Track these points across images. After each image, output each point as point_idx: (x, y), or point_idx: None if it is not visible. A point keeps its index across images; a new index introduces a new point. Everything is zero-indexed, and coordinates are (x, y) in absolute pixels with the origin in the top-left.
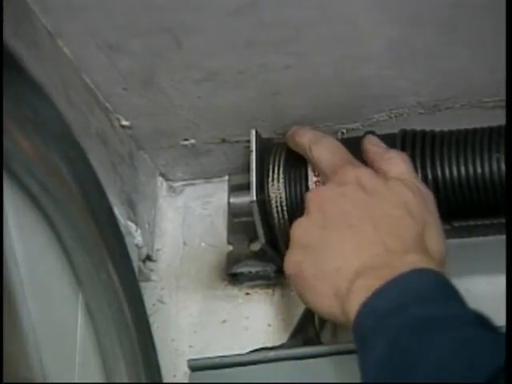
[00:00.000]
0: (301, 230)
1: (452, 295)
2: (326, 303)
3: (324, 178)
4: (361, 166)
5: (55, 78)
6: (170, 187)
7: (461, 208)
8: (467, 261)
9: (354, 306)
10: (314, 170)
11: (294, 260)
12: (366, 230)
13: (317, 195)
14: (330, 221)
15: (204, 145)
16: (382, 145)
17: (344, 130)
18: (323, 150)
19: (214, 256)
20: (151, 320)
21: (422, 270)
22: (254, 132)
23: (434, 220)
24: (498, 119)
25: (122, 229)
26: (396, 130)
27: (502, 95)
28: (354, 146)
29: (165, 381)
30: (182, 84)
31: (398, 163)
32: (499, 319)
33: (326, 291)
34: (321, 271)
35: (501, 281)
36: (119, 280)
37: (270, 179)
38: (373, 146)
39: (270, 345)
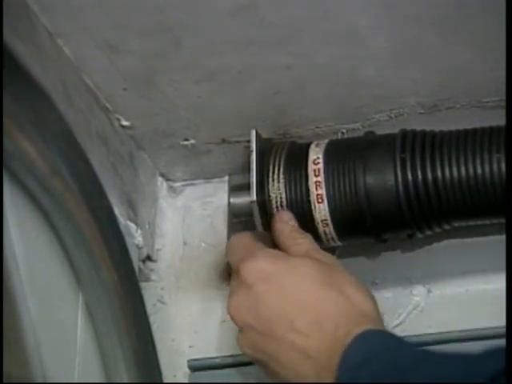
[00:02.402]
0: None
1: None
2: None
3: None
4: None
5: (55, 78)
6: (170, 187)
7: (461, 208)
8: (467, 261)
9: None
10: (314, 170)
11: (248, 344)
12: (304, 326)
13: (234, 308)
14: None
15: (204, 145)
16: (292, 222)
17: (344, 130)
18: (231, 252)
19: (214, 256)
20: (151, 320)
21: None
22: (254, 132)
23: (349, 283)
24: (498, 119)
25: (122, 229)
26: (396, 130)
27: (502, 95)
28: (354, 148)
29: (165, 381)
30: (182, 84)
31: (302, 243)
32: (499, 319)
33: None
34: (271, 366)
35: (501, 281)
36: (119, 280)
37: (270, 179)
38: (280, 224)
39: None
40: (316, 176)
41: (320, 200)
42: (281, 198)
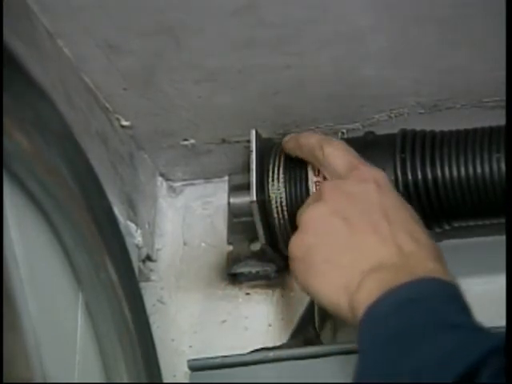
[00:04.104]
0: (315, 214)
1: (463, 309)
2: (332, 292)
3: (334, 176)
4: (373, 166)
5: (55, 78)
6: (170, 187)
7: (461, 208)
8: (467, 261)
9: (362, 303)
10: (314, 170)
11: (303, 244)
12: (385, 229)
13: (336, 187)
14: (351, 214)
15: (204, 145)
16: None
17: (344, 130)
18: (336, 149)
19: (214, 256)
20: (151, 320)
21: (436, 279)
22: (253, 132)
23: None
24: (498, 119)
25: (122, 229)
26: (396, 130)
27: (502, 95)
28: (354, 148)
29: (165, 381)
30: (182, 84)
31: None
32: (499, 319)
33: (335, 280)
34: (335, 259)
35: (501, 281)
36: (119, 280)
37: (270, 179)
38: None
39: (270, 345)
40: (316, 176)
41: None
42: (281, 198)
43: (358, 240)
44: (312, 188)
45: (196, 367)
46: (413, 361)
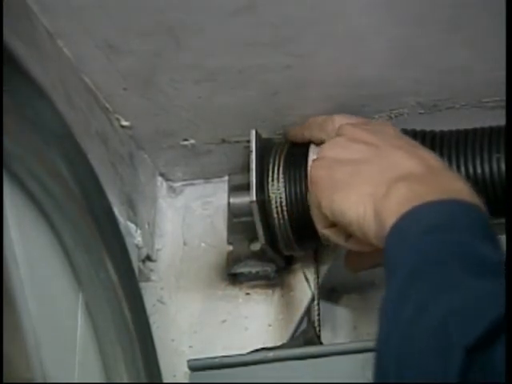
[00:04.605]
0: (335, 144)
1: (488, 237)
2: (358, 201)
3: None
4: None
5: (55, 78)
6: (170, 187)
7: None
8: None
9: (390, 210)
10: None
11: (325, 163)
12: (410, 148)
13: (352, 125)
14: (372, 139)
15: (204, 145)
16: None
17: None
18: (344, 116)
19: (214, 256)
20: (151, 320)
21: (466, 202)
22: (253, 132)
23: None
24: (498, 119)
25: (122, 229)
26: None
27: (502, 95)
28: None
29: (165, 381)
30: (181, 84)
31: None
32: None
33: (361, 189)
34: (361, 170)
35: None
36: (119, 280)
37: (270, 179)
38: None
39: (270, 345)
40: None
41: None
42: (281, 198)
43: (384, 154)
44: None
45: (196, 367)
46: (441, 304)
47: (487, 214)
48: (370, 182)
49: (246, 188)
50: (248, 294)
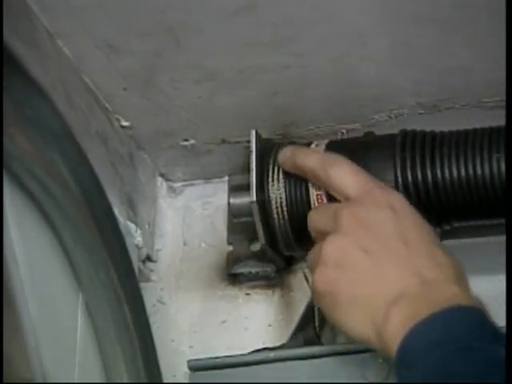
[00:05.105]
0: (336, 247)
1: (486, 335)
2: (360, 328)
3: (343, 197)
4: (388, 188)
5: (55, 78)
6: (170, 187)
7: (461, 208)
8: (467, 261)
9: (392, 335)
10: None
11: (327, 279)
12: (406, 257)
13: (353, 214)
14: (371, 245)
15: (204, 145)
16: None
17: (344, 130)
18: (341, 168)
19: (214, 256)
20: (151, 320)
21: (461, 307)
22: (253, 132)
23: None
24: (498, 119)
25: (122, 229)
26: (396, 130)
27: (502, 95)
28: (354, 148)
29: (165, 381)
30: (181, 84)
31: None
32: (499, 319)
33: (361, 316)
34: (358, 294)
35: (501, 281)
36: (119, 280)
37: (270, 179)
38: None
39: (270, 345)
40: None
41: (320, 200)
42: (281, 198)
43: (379, 272)
44: (312, 188)
45: (196, 367)
46: None
47: (483, 310)
48: (367, 309)
49: (245, 188)
50: (248, 294)
